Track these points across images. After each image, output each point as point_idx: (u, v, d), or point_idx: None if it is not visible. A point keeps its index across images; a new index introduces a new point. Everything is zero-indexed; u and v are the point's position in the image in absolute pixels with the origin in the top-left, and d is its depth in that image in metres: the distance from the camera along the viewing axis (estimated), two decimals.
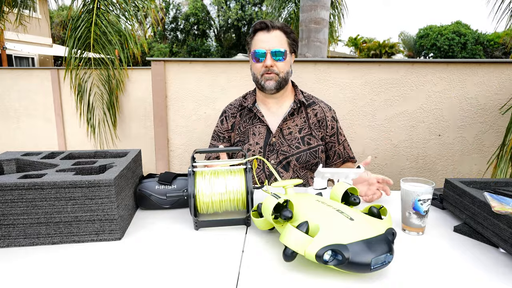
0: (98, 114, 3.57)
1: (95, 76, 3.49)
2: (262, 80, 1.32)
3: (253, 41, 1.33)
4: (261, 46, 1.29)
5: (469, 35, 22.49)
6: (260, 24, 1.31)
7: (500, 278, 0.67)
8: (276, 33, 1.30)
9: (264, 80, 1.31)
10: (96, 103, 3.55)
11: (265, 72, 1.30)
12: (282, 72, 1.31)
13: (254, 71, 1.35)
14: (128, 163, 0.92)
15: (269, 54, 1.28)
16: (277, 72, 1.30)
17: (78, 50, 3.40)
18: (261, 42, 1.30)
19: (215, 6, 24.46)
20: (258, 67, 1.32)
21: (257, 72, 1.33)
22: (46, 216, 0.76)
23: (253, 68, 1.35)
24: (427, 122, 2.29)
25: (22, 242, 0.77)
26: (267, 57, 1.29)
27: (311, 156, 1.35)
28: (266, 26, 1.30)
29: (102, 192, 0.76)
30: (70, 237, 0.78)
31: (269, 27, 1.30)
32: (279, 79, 1.31)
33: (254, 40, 1.32)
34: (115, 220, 0.78)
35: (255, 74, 1.34)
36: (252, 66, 1.36)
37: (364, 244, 0.62)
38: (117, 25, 3.48)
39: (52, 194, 0.75)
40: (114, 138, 3.59)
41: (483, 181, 0.97)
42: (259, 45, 1.30)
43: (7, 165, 0.97)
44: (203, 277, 0.65)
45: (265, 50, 1.28)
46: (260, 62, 1.31)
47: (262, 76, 1.31)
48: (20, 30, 5.64)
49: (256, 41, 1.31)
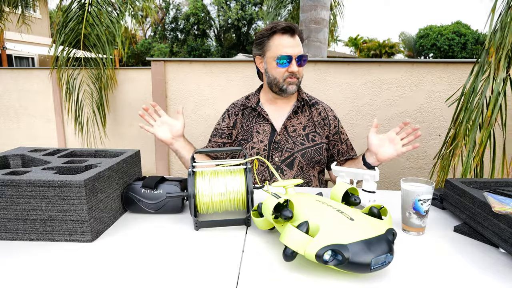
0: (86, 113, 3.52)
1: (84, 73, 3.45)
2: (285, 84, 1.31)
3: (273, 44, 1.29)
4: (287, 52, 1.27)
5: (469, 35, 22.49)
6: (284, 28, 1.27)
7: (500, 278, 0.67)
8: (297, 37, 1.30)
9: (287, 84, 1.31)
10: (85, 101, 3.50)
11: (289, 76, 1.30)
12: (301, 76, 1.34)
13: (274, 74, 1.32)
14: (115, 163, 0.91)
15: (295, 59, 1.28)
16: (298, 77, 1.32)
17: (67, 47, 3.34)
18: (286, 47, 1.27)
19: (215, 6, 24.47)
20: (281, 72, 1.30)
21: (279, 76, 1.31)
22: (24, 213, 0.77)
23: (273, 71, 1.32)
24: (427, 122, 2.29)
25: (3, 236, 0.79)
26: (293, 63, 1.28)
27: (315, 153, 1.36)
28: (291, 29, 1.27)
29: (73, 193, 0.76)
30: (45, 235, 0.79)
31: (294, 31, 1.28)
32: (298, 83, 1.33)
33: (276, 42, 1.29)
34: (86, 221, 0.78)
35: (276, 78, 1.32)
36: (271, 69, 1.32)
37: (364, 244, 0.62)
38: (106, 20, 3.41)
39: (28, 192, 0.76)
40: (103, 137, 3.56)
41: (483, 181, 0.97)
42: (284, 50, 1.27)
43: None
44: (203, 277, 0.65)
45: (292, 55, 1.27)
46: (283, 67, 1.29)
47: (285, 81, 1.31)
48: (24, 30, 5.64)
49: (278, 45, 1.28)
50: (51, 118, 3.85)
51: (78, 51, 3.41)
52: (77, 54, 3.43)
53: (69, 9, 3.36)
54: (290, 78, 1.30)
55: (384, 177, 2.39)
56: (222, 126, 1.44)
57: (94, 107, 3.46)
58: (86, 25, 3.30)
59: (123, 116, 3.58)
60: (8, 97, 3.90)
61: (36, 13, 11.47)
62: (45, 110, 3.85)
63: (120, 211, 0.95)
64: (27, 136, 3.97)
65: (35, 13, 11.41)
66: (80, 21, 3.31)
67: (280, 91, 1.34)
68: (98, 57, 3.35)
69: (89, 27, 3.32)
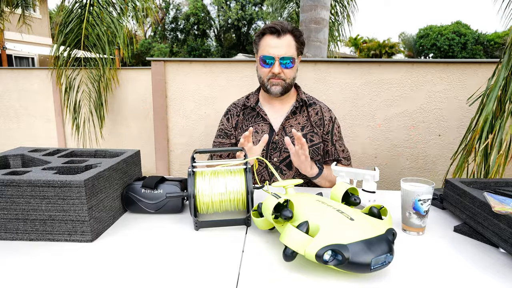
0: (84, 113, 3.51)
1: (84, 74, 3.44)
2: (268, 84, 1.32)
3: (262, 44, 1.31)
4: (270, 52, 1.27)
5: (469, 35, 22.49)
6: (271, 28, 1.28)
7: (500, 278, 0.67)
8: (286, 38, 1.28)
9: (270, 85, 1.32)
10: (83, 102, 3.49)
11: (272, 77, 1.30)
12: (288, 78, 1.32)
13: (260, 74, 1.34)
14: (115, 163, 0.91)
15: (278, 61, 1.27)
16: (283, 78, 1.31)
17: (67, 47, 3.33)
18: (270, 48, 1.27)
19: (215, 6, 24.47)
20: (265, 72, 1.31)
21: (264, 76, 1.32)
22: (24, 213, 0.77)
23: (259, 71, 1.34)
24: (427, 122, 2.29)
25: (3, 236, 0.79)
26: (275, 64, 1.28)
27: (314, 153, 1.36)
28: (277, 31, 1.27)
29: (73, 193, 0.76)
30: (45, 235, 0.79)
31: (279, 32, 1.27)
32: (285, 85, 1.32)
33: (263, 42, 1.30)
34: (86, 221, 0.78)
35: (261, 78, 1.34)
36: (258, 68, 1.35)
37: (364, 244, 0.62)
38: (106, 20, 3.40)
39: (28, 192, 0.76)
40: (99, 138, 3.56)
41: (483, 181, 0.97)
42: (268, 50, 1.27)
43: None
44: (203, 277, 0.65)
45: (274, 56, 1.27)
46: (267, 67, 1.30)
47: (269, 81, 1.31)
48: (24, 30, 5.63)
49: (265, 45, 1.29)
50: (51, 118, 3.86)
51: (78, 51, 3.40)
52: (77, 54, 3.42)
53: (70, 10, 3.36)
54: (273, 79, 1.30)
55: (384, 177, 2.39)
56: (228, 127, 1.43)
57: (92, 107, 3.46)
58: (86, 25, 3.29)
59: (123, 116, 3.58)
60: (8, 97, 3.90)
61: (36, 13, 11.47)
62: (45, 110, 3.85)
63: (120, 211, 0.95)
64: (27, 136, 3.97)
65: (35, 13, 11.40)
66: (81, 21, 3.30)
67: (266, 91, 1.35)
68: (98, 57, 3.34)
69: (90, 27, 3.31)
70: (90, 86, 3.42)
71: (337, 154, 1.42)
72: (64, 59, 3.31)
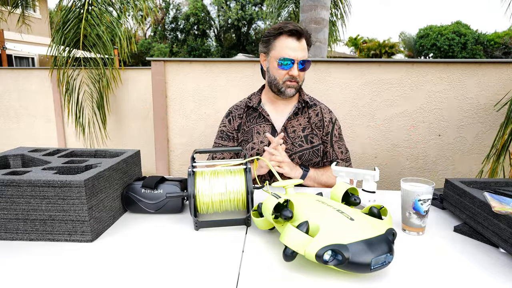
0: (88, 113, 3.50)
1: (84, 74, 3.43)
2: (284, 86, 1.31)
3: (278, 44, 1.29)
4: (290, 55, 1.26)
5: (469, 35, 22.48)
6: (291, 30, 1.26)
7: (500, 278, 0.67)
8: (304, 42, 1.28)
9: (286, 87, 1.31)
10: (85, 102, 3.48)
11: (288, 79, 1.30)
12: (302, 80, 1.34)
13: (275, 74, 1.32)
14: (115, 163, 0.91)
15: (297, 64, 1.27)
16: (298, 81, 1.31)
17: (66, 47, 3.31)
18: (290, 50, 1.26)
19: (215, 6, 24.46)
20: (281, 74, 1.30)
21: (279, 77, 1.31)
22: (24, 213, 0.77)
23: (274, 71, 1.32)
24: (427, 122, 2.29)
25: (3, 236, 0.79)
26: (294, 67, 1.27)
27: (313, 155, 1.36)
28: (298, 33, 1.26)
29: (73, 193, 0.76)
30: (45, 235, 0.79)
31: (300, 35, 1.26)
32: (298, 87, 1.33)
33: (280, 44, 1.28)
34: (86, 221, 0.78)
35: (276, 79, 1.32)
36: (273, 69, 1.32)
37: (364, 244, 0.62)
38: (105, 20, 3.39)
39: (28, 192, 0.76)
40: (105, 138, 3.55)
41: (483, 181, 0.97)
42: (287, 52, 1.26)
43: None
44: (203, 277, 0.65)
45: (294, 59, 1.26)
46: (284, 70, 1.29)
47: (284, 83, 1.31)
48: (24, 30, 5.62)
49: (284, 47, 1.27)
50: (51, 118, 3.86)
51: (77, 51, 3.39)
52: (77, 54, 3.41)
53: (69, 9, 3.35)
54: (289, 81, 1.30)
55: (384, 177, 2.39)
56: (230, 129, 1.42)
57: (95, 107, 3.45)
58: (85, 25, 3.28)
59: (123, 116, 3.58)
60: (8, 97, 3.90)
61: (36, 13, 11.46)
62: (45, 110, 3.85)
63: (120, 211, 0.95)
64: (27, 136, 3.97)
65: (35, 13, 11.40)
66: (80, 21, 3.29)
67: (278, 92, 1.34)
68: (98, 57, 3.34)
69: (89, 27, 3.30)
70: (91, 86, 3.41)
71: (335, 155, 1.42)
72: (64, 59, 3.30)
